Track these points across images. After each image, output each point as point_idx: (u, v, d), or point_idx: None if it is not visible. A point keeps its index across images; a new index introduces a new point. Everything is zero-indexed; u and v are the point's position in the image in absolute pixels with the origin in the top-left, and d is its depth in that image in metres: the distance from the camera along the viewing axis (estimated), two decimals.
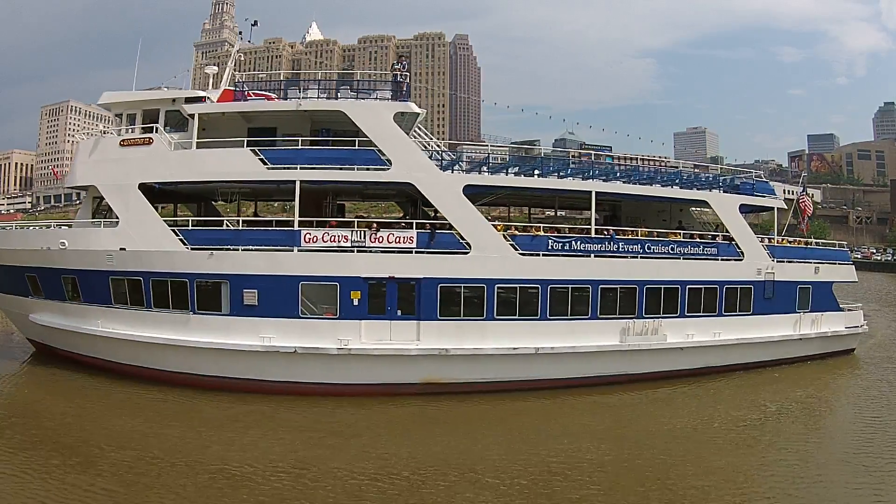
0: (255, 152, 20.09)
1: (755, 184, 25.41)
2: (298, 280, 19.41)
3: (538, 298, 20.29)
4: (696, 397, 20.56)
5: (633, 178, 23.50)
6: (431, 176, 20.26)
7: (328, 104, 20.68)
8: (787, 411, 19.55)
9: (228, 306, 19.47)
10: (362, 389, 19.09)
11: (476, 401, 19.00)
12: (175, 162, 20.51)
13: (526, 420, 18.06)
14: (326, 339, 19.14)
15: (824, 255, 26.40)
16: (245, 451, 14.88)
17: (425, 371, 19.45)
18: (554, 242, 20.78)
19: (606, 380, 20.85)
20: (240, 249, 19.73)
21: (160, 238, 19.97)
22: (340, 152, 20.34)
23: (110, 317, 20.25)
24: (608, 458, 15.06)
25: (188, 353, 19.34)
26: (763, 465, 14.75)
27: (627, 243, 21.79)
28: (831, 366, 24.81)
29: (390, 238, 19.84)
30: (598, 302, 20.93)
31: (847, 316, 26.22)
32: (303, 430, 16.73)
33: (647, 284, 21.64)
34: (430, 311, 19.64)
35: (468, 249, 20.03)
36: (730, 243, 23.61)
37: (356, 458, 14.64)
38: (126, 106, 21.84)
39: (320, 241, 19.77)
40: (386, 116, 20.15)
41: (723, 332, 22.63)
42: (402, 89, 20.80)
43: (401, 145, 20.20)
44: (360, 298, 19.42)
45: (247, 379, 19.03)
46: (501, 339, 19.87)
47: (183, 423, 16.99)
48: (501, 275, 20.00)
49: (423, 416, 18.17)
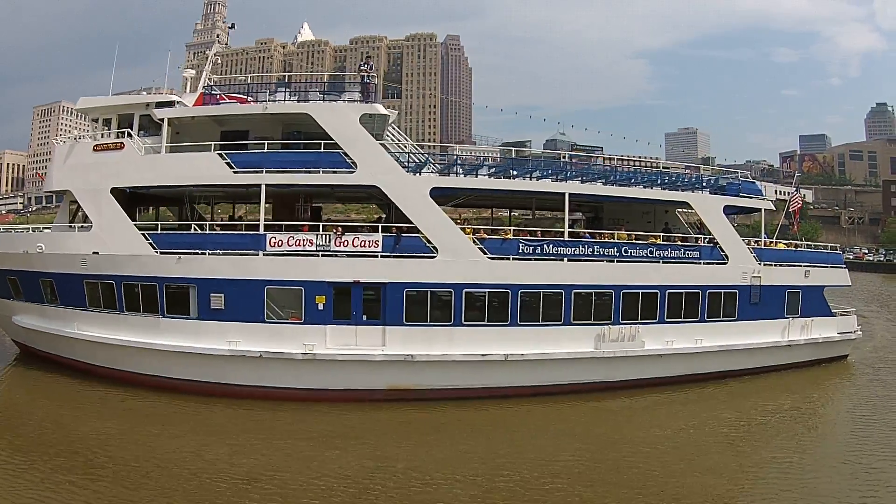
0: (221, 156, 19.76)
1: (741, 184, 24.17)
2: (264, 284, 19.03)
3: (508, 304, 19.49)
4: (672, 404, 19.62)
5: (610, 179, 22.53)
6: (397, 178, 19.61)
7: (294, 107, 20.24)
8: (769, 423, 18.43)
9: (196, 310, 19.22)
10: (328, 395, 18.60)
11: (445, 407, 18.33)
12: (145, 166, 20.29)
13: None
14: (291, 344, 18.74)
15: (815, 259, 25.07)
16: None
17: (391, 377, 18.85)
18: (525, 246, 19.95)
19: (581, 387, 19.95)
20: (207, 254, 19.39)
21: (131, 242, 19.79)
22: (306, 155, 19.82)
23: (85, 320, 20.19)
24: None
25: (159, 356, 19.14)
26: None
27: (603, 246, 20.85)
28: (821, 373, 23.52)
29: (355, 242, 19.28)
30: (572, 307, 20.04)
31: (840, 321, 24.88)
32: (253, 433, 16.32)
33: (623, 289, 20.68)
34: (396, 317, 19.03)
35: (435, 253, 19.36)
36: (714, 246, 22.53)
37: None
38: (101, 111, 21.78)
39: (285, 245, 19.34)
40: (352, 118, 19.58)
41: (705, 338, 21.55)
42: (371, 91, 20.18)
43: (366, 148, 19.60)
44: (325, 303, 18.95)
45: (215, 383, 18.75)
46: (469, 346, 19.14)
47: (157, 426, 16.78)
48: (469, 279, 19.27)
49: (393, 421, 17.64)
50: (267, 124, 21.13)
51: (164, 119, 20.30)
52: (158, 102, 20.91)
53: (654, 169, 24.41)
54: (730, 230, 23.01)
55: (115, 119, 21.40)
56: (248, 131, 21.30)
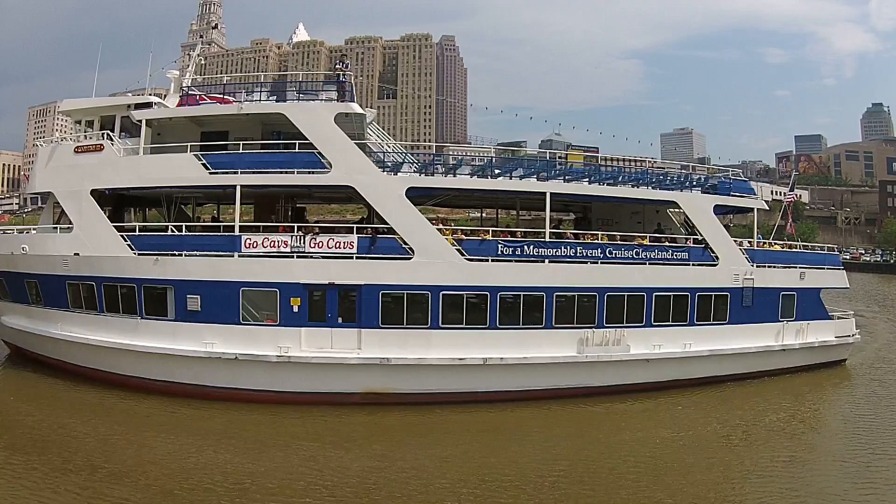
0: (198, 157, 19.41)
1: (732, 183, 23.16)
2: (239, 286, 18.63)
3: (487, 306, 18.82)
4: (653, 411, 18.77)
5: (594, 178, 21.71)
6: (372, 178, 19.06)
7: (269, 107, 19.82)
8: (753, 435, 17.38)
9: (174, 312, 18.91)
10: (303, 398, 18.13)
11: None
12: (124, 168, 20.04)
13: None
14: (266, 347, 18.33)
15: (811, 260, 23.99)
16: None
17: (367, 381, 18.32)
18: (504, 247, 19.25)
19: (563, 392, 19.20)
20: (183, 255, 19.06)
21: (110, 243, 19.56)
22: (280, 156, 19.38)
23: (69, 320, 20.09)
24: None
25: (138, 357, 18.90)
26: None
27: (586, 247, 20.06)
28: (815, 379, 22.46)
29: (330, 243, 18.75)
30: (553, 310, 19.31)
31: (837, 325, 23.79)
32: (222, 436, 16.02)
33: (608, 292, 19.90)
34: (372, 319, 18.48)
35: (411, 254, 18.76)
36: (703, 247, 21.64)
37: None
38: (84, 113, 21.63)
39: (260, 246, 18.88)
40: (326, 118, 19.08)
41: (695, 342, 20.68)
42: (346, 90, 19.66)
43: (341, 147, 19.06)
44: (300, 305, 18.51)
45: (192, 384, 18.44)
46: (447, 349, 18.51)
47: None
48: (446, 281, 18.63)
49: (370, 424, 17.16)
50: (247, 125, 20.72)
51: (142, 120, 20.03)
52: (136, 104, 20.66)
53: (640, 167, 23.43)
54: (720, 230, 22.07)
55: (97, 121, 21.21)
56: (228, 132, 20.93)
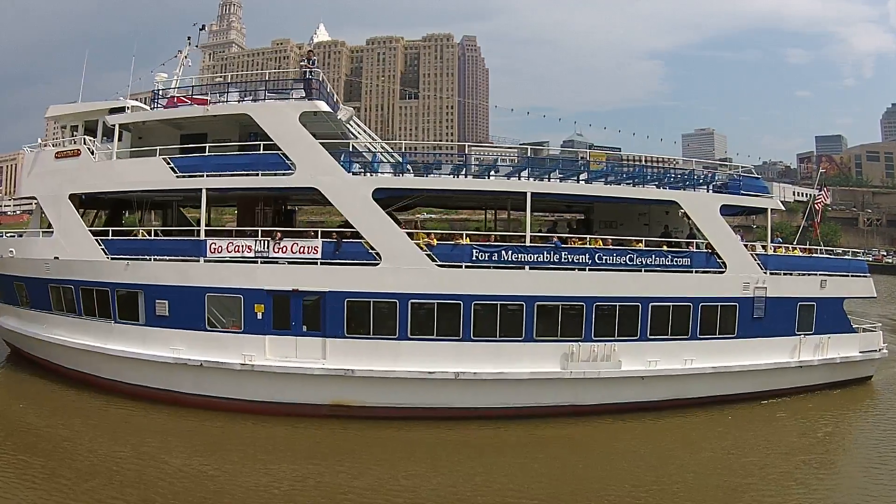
0: (166, 161, 18.53)
1: (742, 181, 20.31)
2: (204, 291, 17.63)
3: (460, 316, 16.97)
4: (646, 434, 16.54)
5: (582, 176, 19.43)
6: (337, 179, 17.53)
7: (234, 107, 18.67)
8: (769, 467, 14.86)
9: (144, 316, 18.18)
10: (268, 408, 16.93)
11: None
12: (99, 173, 19.51)
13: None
14: (231, 354, 17.25)
15: (833, 266, 20.84)
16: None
17: (333, 392, 16.89)
18: (479, 252, 17.30)
19: (545, 411, 17.21)
20: (152, 259, 18.28)
21: (86, 247, 19.09)
22: (244, 158, 18.18)
23: (52, 322, 19.95)
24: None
25: (112, 360, 18.36)
26: None
27: (572, 253, 17.88)
28: (837, 399, 19.61)
29: (294, 248, 17.39)
30: (535, 321, 17.28)
31: (862, 338, 20.73)
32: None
33: (597, 302, 17.71)
34: (337, 328, 17.01)
35: (378, 260, 17.14)
36: (709, 252, 19.11)
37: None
38: (69, 118, 21.20)
39: (225, 251, 17.77)
40: (291, 117, 17.73)
41: (697, 358, 18.23)
42: (314, 87, 18.20)
43: (305, 147, 17.66)
44: (263, 312, 17.29)
45: (163, 390, 17.67)
46: (416, 362, 16.80)
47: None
48: (416, 289, 16.92)
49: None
50: (224, 127, 19.76)
51: (116, 125, 19.47)
52: (112, 108, 20.04)
53: (637, 164, 20.80)
54: (728, 234, 19.44)
55: (81, 126, 20.76)
56: (206, 134, 20.00)
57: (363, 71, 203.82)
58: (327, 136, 19.13)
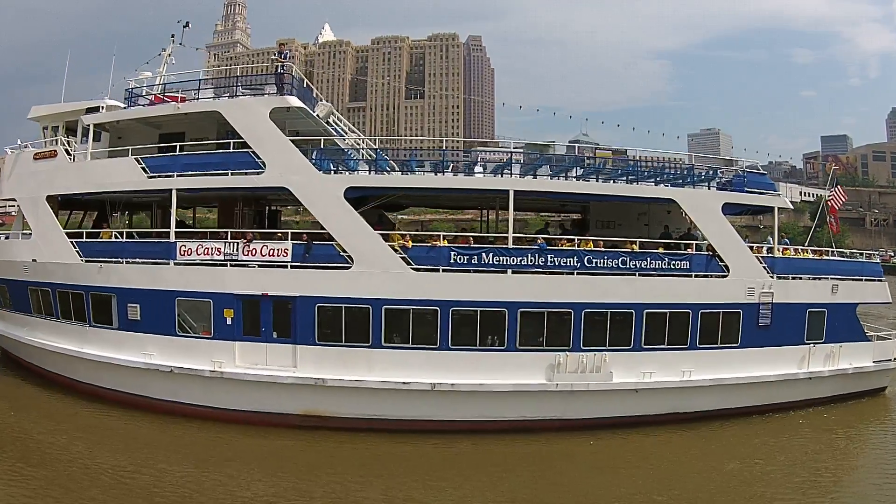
0: (138, 161, 17.72)
1: (747, 177, 18.56)
2: (174, 295, 16.78)
3: (437, 323, 15.76)
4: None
5: (569, 173, 17.99)
6: (307, 178, 16.45)
7: (204, 105, 17.72)
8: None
9: (117, 320, 17.45)
10: (239, 416, 16.02)
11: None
12: (73, 174, 18.87)
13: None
14: (201, 360, 16.36)
15: (846, 270, 19.08)
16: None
17: (304, 402, 15.87)
18: (457, 255, 16.03)
19: (530, 425, 15.93)
20: (124, 262, 17.51)
21: (61, 250, 18.44)
22: (215, 157, 17.27)
23: (33, 325, 19.48)
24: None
25: (89, 365, 17.72)
26: None
27: (559, 255, 16.51)
28: (849, 413, 17.93)
29: (264, 251, 16.38)
30: (518, 329, 15.96)
31: (876, 346, 18.96)
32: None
33: (586, 308, 16.31)
34: (307, 335, 15.98)
35: (350, 263, 16.03)
36: (710, 255, 17.58)
37: None
38: (50, 119, 20.57)
39: (194, 253, 16.86)
40: (260, 114, 16.72)
41: (696, 369, 16.73)
42: (285, 82, 17.17)
43: (275, 145, 16.62)
44: (233, 317, 16.36)
45: (137, 395, 16.96)
46: (390, 371, 15.65)
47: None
48: (389, 294, 15.76)
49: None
50: (202, 125, 18.87)
51: (90, 125, 18.80)
52: (88, 108, 19.35)
53: (632, 159, 19.12)
54: (731, 235, 17.82)
55: (62, 126, 20.13)
56: (184, 133, 19.16)
57: (368, 71, 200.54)
58: (310, 133, 18.16)
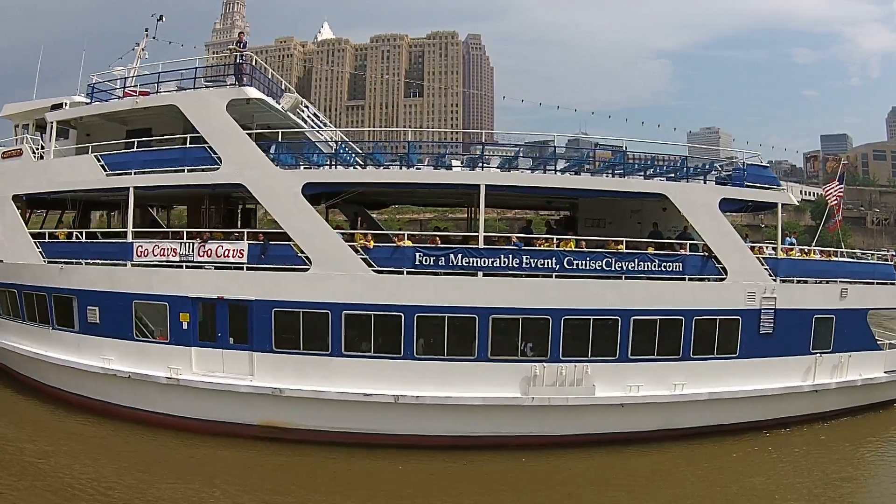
0: (97, 159, 16.88)
1: (746, 170, 16.79)
2: (131, 298, 15.87)
3: (400, 330, 14.46)
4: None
5: (547, 167, 16.56)
6: (263, 174, 15.31)
7: (161, 99, 16.73)
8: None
9: (78, 323, 16.67)
10: (198, 425, 15.12)
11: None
12: (37, 173, 18.10)
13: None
14: (158, 366, 15.47)
15: (856, 272, 17.29)
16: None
17: (262, 412, 14.82)
18: (423, 256, 14.69)
19: (503, 441, 14.57)
20: (84, 263, 16.68)
21: (25, 251, 17.75)
22: (172, 153, 16.28)
23: (3, 327, 18.79)
24: None
25: (52, 368, 17.03)
26: None
27: (535, 257, 15.04)
28: (858, 428, 16.21)
29: (219, 251, 15.33)
30: (490, 337, 14.58)
31: (887, 356, 17.18)
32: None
33: (566, 315, 14.82)
34: (264, 341, 14.87)
35: (308, 265, 14.84)
36: (706, 256, 15.98)
37: None
38: (21, 117, 19.94)
39: (150, 254, 15.92)
40: (216, 107, 15.67)
41: (689, 382, 15.15)
42: (245, 72, 16.07)
43: (231, 139, 15.54)
44: (189, 322, 15.37)
45: (99, 400, 16.25)
46: (351, 382, 14.43)
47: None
48: (350, 298, 14.52)
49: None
50: (169, 120, 17.88)
51: (53, 122, 18.07)
52: (53, 105, 18.64)
53: (619, 149, 17.40)
54: (729, 234, 16.15)
55: (32, 124, 19.45)
56: (150, 129, 18.37)
57: (367, 69, 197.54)
58: (279, 127, 17.07)
